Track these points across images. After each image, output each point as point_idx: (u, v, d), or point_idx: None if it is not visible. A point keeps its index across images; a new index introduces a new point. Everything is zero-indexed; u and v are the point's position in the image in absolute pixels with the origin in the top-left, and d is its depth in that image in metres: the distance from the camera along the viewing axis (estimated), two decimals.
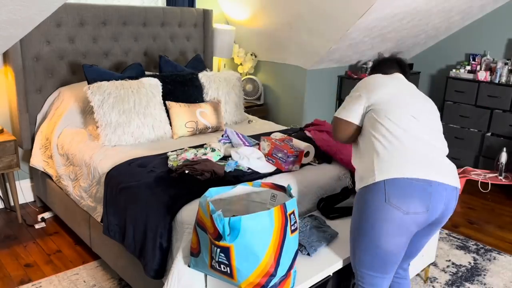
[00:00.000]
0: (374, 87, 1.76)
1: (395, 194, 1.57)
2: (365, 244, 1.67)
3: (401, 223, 1.59)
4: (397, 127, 1.66)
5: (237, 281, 1.54)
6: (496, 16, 4.43)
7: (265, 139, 2.52)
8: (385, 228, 1.60)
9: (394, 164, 1.61)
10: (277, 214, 1.52)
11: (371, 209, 1.62)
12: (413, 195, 1.57)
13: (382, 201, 1.59)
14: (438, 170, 1.63)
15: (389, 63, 1.97)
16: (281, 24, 4.06)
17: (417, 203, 1.58)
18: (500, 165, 3.87)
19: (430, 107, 1.80)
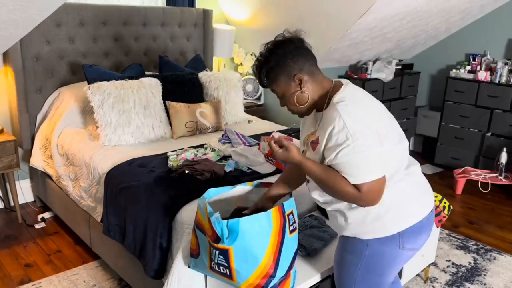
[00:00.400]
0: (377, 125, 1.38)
1: (410, 239, 1.48)
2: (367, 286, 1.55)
3: (408, 258, 1.54)
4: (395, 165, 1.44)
5: (237, 282, 1.54)
6: (496, 16, 4.43)
7: (265, 139, 2.52)
8: (394, 270, 1.54)
9: (405, 210, 1.45)
10: (275, 215, 1.52)
11: (382, 262, 1.49)
12: (424, 232, 1.51)
13: (396, 249, 1.48)
14: (429, 192, 1.55)
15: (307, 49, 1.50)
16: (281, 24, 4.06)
17: (425, 237, 1.54)
18: (500, 165, 3.87)
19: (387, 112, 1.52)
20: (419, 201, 1.51)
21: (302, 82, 1.45)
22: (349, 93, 1.44)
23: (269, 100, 4.68)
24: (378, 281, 1.56)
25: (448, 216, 3.37)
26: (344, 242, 1.59)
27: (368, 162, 1.35)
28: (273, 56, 1.47)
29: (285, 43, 1.48)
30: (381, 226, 1.46)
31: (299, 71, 1.45)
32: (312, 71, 1.48)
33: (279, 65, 1.46)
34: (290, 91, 1.48)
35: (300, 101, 1.48)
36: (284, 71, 1.46)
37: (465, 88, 4.35)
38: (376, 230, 1.47)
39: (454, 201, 3.88)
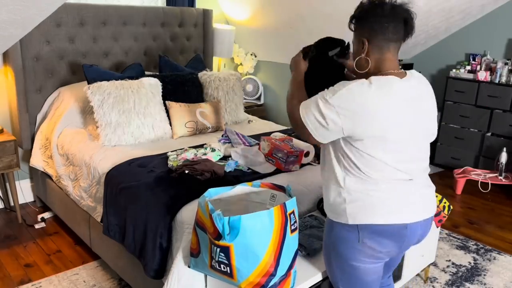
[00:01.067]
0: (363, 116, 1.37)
1: (370, 237, 1.47)
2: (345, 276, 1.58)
3: (375, 257, 1.53)
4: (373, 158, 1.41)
5: (237, 281, 1.54)
6: (496, 16, 4.43)
7: (265, 139, 2.52)
8: (367, 267, 1.54)
9: (367, 208, 1.45)
10: (277, 213, 1.52)
11: (347, 247, 1.51)
12: (389, 238, 1.48)
13: (356, 241, 1.49)
14: (414, 209, 1.49)
15: (395, 24, 1.42)
16: (281, 24, 4.06)
17: (391, 246, 1.50)
18: (500, 165, 3.87)
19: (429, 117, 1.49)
20: (393, 208, 1.46)
21: (364, 48, 1.47)
22: (386, 83, 1.40)
23: (269, 100, 4.68)
24: (355, 275, 1.56)
25: (448, 216, 3.37)
26: (325, 229, 1.64)
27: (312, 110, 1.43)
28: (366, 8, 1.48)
29: (378, 6, 1.45)
30: (343, 211, 1.49)
31: (367, 37, 1.46)
32: (382, 46, 1.45)
33: (359, 19, 1.50)
34: (356, 51, 1.53)
35: (358, 65, 1.51)
36: (359, 29, 1.50)
37: (465, 88, 4.35)
38: (339, 214, 1.51)
39: (454, 201, 3.88)
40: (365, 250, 1.50)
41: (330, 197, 1.54)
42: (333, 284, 1.67)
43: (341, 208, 1.50)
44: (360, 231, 1.47)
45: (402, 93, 1.41)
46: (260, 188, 1.83)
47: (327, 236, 1.60)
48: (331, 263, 1.61)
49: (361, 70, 1.49)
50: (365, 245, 1.49)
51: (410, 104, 1.42)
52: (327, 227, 1.61)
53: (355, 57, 1.53)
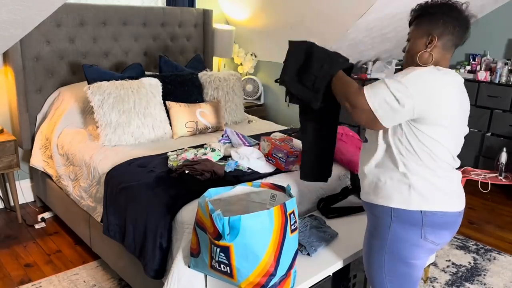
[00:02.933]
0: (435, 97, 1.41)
1: (432, 230, 1.49)
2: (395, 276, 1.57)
3: (431, 250, 1.56)
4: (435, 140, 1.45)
5: (237, 280, 1.54)
6: (496, 16, 4.43)
7: (265, 139, 2.52)
8: (420, 261, 1.56)
9: (430, 195, 1.47)
10: (277, 213, 1.52)
11: (405, 247, 1.51)
12: (446, 228, 1.52)
13: (419, 237, 1.49)
14: (462, 196, 1.56)
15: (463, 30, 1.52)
16: (281, 24, 4.06)
17: (447, 235, 1.54)
18: (500, 165, 3.87)
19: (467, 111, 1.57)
20: (451, 196, 1.51)
21: (432, 43, 1.49)
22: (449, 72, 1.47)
23: (269, 100, 4.68)
24: (407, 273, 1.56)
25: None
26: (370, 231, 1.61)
27: (383, 94, 1.41)
28: (439, 7, 1.51)
29: (455, 9, 1.52)
30: (407, 195, 1.48)
31: (439, 34, 1.49)
32: (447, 47, 1.51)
33: (433, 15, 1.50)
34: (417, 45, 1.53)
35: (421, 59, 1.52)
36: (429, 23, 1.51)
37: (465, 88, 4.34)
38: (401, 199, 1.48)
39: None
40: (426, 245, 1.52)
41: (386, 185, 1.51)
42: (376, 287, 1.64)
43: (403, 194, 1.48)
44: (424, 224, 1.48)
45: (460, 85, 1.50)
46: (260, 188, 1.83)
47: (379, 238, 1.55)
48: (382, 267, 1.57)
49: (423, 64, 1.51)
50: (427, 240, 1.50)
51: (463, 96, 1.52)
52: (377, 228, 1.55)
53: (413, 50, 1.54)
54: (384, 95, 1.41)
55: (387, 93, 1.41)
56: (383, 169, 1.52)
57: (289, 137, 2.63)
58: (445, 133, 1.45)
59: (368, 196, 1.58)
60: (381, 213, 1.53)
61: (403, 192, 1.48)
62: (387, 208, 1.51)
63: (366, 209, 1.63)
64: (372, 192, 1.56)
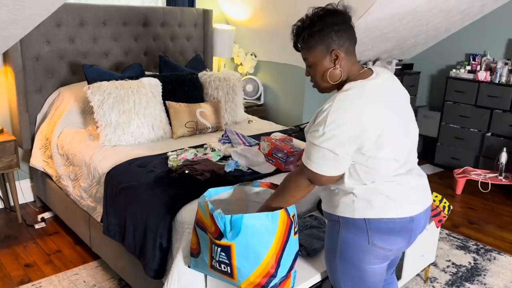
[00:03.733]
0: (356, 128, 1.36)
1: (379, 236, 1.47)
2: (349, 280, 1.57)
3: (384, 256, 1.53)
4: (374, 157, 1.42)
5: (237, 281, 1.54)
6: (496, 16, 4.43)
7: (265, 139, 2.52)
8: (374, 267, 1.53)
9: (374, 203, 1.45)
10: (282, 217, 1.52)
11: (354, 251, 1.50)
12: (395, 234, 1.48)
13: (366, 243, 1.48)
14: (416, 200, 1.51)
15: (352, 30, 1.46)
16: (281, 24, 4.06)
17: (400, 241, 1.50)
18: (500, 165, 3.87)
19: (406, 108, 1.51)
20: (398, 202, 1.47)
21: (338, 59, 1.43)
22: (361, 87, 1.40)
23: (269, 100, 4.68)
24: (359, 276, 1.55)
25: (448, 216, 3.37)
26: (326, 235, 1.62)
27: (321, 155, 1.39)
28: (320, 22, 1.41)
29: (336, 14, 1.43)
30: (351, 204, 1.47)
31: (338, 47, 1.42)
32: (350, 51, 1.45)
33: (322, 34, 1.41)
34: (323, 65, 1.45)
35: (332, 78, 1.46)
36: (324, 42, 1.42)
37: (465, 88, 4.35)
38: (346, 207, 1.48)
39: (454, 201, 3.88)
40: (375, 251, 1.49)
41: (335, 197, 1.52)
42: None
43: (347, 204, 1.48)
44: (369, 231, 1.46)
45: (375, 91, 1.41)
46: (260, 188, 1.83)
47: (331, 242, 1.57)
48: (335, 268, 1.59)
49: (336, 81, 1.47)
50: (375, 246, 1.48)
51: (389, 100, 1.43)
52: (330, 232, 1.58)
53: (320, 74, 1.48)
54: (323, 157, 1.39)
55: (324, 154, 1.38)
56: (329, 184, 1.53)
57: (289, 137, 2.63)
58: (380, 144, 1.40)
59: (323, 204, 1.62)
60: (332, 220, 1.56)
61: (348, 201, 1.48)
62: (335, 215, 1.53)
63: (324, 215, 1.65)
64: (324, 200, 1.59)
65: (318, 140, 1.38)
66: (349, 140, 1.37)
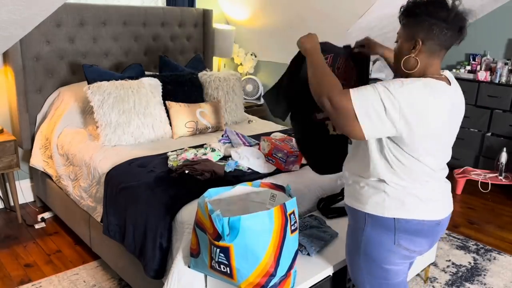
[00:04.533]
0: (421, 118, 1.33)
1: (406, 237, 1.48)
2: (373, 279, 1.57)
3: (407, 257, 1.55)
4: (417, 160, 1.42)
5: (237, 281, 1.54)
6: (496, 16, 4.43)
7: (265, 139, 2.52)
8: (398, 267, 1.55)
9: (406, 204, 1.45)
10: (277, 214, 1.52)
11: (379, 251, 1.51)
12: (422, 236, 1.50)
13: (392, 243, 1.49)
14: (443, 205, 1.53)
15: (453, 32, 1.38)
16: (281, 24, 4.06)
17: (424, 244, 1.53)
18: (500, 165, 3.87)
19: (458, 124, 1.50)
20: (428, 205, 1.48)
21: (416, 48, 1.41)
22: (443, 87, 1.38)
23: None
24: (384, 276, 1.56)
25: None
26: (348, 233, 1.62)
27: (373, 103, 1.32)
28: (424, 7, 1.39)
29: (443, 8, 1.38)
30: (382, 202, 1.46)
31: (423, 38, 1.39)
32: (434, 51, 1.40)
33: (417, 18, 1.40)
34: (403, 46, 1.45)
35: (406, 65, 1.44)
36: (414, 26, 1.41)
37: (465, 88, 4.33)
38: (376, 205, 1.47)
39: (454, 201, 3.88)
40: (400, 252, 1.50)
41: (365, 194, 1.50)
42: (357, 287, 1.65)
43: (378, 202, 1.47)
44: (397, 230, 1.47)
45: (450, 101, 1.40)
46: (260, 188, 1.83)
47: (354, 240, 1.57)
48: (358, 268, 1.58)
49: (408, 70, 1.44)
50: (400, 246, 1.49)
51: (453, 111, 1.43)
52: (353, 229, 1.57)
53: (400, 53, 1.46)
54: (372, 100, 1.32)
55: (376, 98, 1.32)
56: (363, 175, 1.51)
57: (289, 137, 2.63)
58: (430, 151, 1.40)
59: (347, 199, 1.60)
60: (357, 217, 1.54)
61: (378, 199, 1.47)
62: (362, 212, 1.52)
63: (347, 212, 1.64)
64: (351, 195, 1.57)
65: (383, 92, 1.32)
66: (405, 118, 1.31)
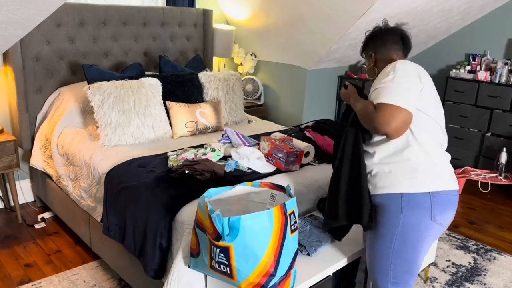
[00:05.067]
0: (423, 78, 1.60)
1: (440, 210, 1.57)
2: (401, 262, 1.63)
3: (437, 235, 1.62)
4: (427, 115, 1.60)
5: (237, 281, 1.54)
6: (496, 16, 4.43)
7: (265, 139, 2.52)
8: (426, 245, 1.62)
9: (435, 175, 1.58)
10: (277, 214, 1.52)
11: (417, 232, 1.57)
12: (451, 207, 1.60)
13: (429, 220, 1.56)
14: (455, 176, 1.66)
15: (393, 37, 1.77)
16: (281, 24, 4.06)
17: (450, 216, 1.62)
18: (500, 165, 3.87)
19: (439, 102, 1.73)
20: (448, 176, 1.61)
21: (371, 59, 1.80)
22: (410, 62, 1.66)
23: (269, 100, 4.69)
24: (413, 259, 1.61)
25: None
26: (378, 221, 1.64)
27: (394, 90, 1.54)
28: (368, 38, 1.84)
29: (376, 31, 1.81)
30: (414, 179, 1.56)
31: (374, 51, 1.79)
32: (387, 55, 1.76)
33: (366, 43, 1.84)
34: (367, 62, 1.85)
35: (369, 74, 1.84)
36: (369, 46, 1.83)
37: (465, 88, 4.35)
38: (409, 183, 1.56)
39: None
40: (434, 228, 1.58)
41: (395, 175, 1.57)
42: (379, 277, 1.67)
43: (410, 179, 1.55)
44: (433, 205, 1.55)
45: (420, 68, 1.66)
46: (260, 188, 1.83)
47: (389, 227, 1.60)
48: (388, 253, 1.62)
49: (371, 77, 1.81)
50: (435, 222, 1.57)
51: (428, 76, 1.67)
52: (388, 217, 1.60)
53: (367, 70, 1.86)
54: (394, 90, 1.53)
55: (394, 87, 1.53)
56: (387, 159, 1.60)
57: (289, 137, 2.63)
58: (432, 106, 1.60)
59: (376, 189, 1.63)
60: (391, 201, 1.58)
61: (409, 177, 1.56)
62: (396, 194, 1.57)
63: (375, 202, 1.65)
64: (379, 184, 1.62)
65: (389, 81, 1.56)
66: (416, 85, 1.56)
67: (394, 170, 1.58)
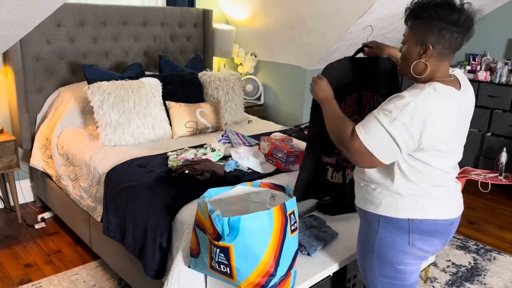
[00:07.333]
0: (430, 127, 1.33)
1: (420, 238, 1.48)
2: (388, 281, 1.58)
3: (421, 257, 1.55)
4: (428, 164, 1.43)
5: (237, 281, 1.54)
6: (496, 16, 4.43)
7: (265, 139, 2.52)
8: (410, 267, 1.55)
9: (420, 204, 1.45)
10: (277, 214, 1.52)
11: (392, 252, 1.51)
12: (437, 236, 1.50)
13: (406, 244, 1.49)
14: (455, 204, 1.53)
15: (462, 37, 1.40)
16: (281, 24, 4.06)
17: (437, 243, 1.53)
18: (500, 165, 3.87)
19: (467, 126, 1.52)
20: (442, 205, 1.49)
21: (426, 53, 1.38)
22: (451, 94, 1.37)
23: (269, 100, 4.68)
24: (397, 277, 1.56)
25: None
26: (361, 234, 1.62)
27: (384, 137, 1.34)
28: (432, 11, 1.35)
29: (453, 11, 1.34)
30: (395, 204, 1.47)
31: (433, 43, 1.37)
32: (444, 55, 1.39)
33: (428, 20, 1.36)
34: (412, 52, 1.42)
35: (416, 69, 1.43)
36: (423, 30, 1.38)
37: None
38: (390, 207, 1.47)
39: None
40: (414, 252, 1.51)
41: (377, 195, 1.50)
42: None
43: (391, 203, 1.47)
44: (411, 231, 1.47)
45: (458, 105, 1.40)
46: (260, 188, 1.83)
47: (367, 242, 1.57)
48: (371, 268, 1.58)
49: (418, 75, 1.42)
50: (414, 247, 1.49)
51: (462, 115, 1.44)
52: (366, 231, 1.57)
53: (408, 58, 1.44)
54: (380, 136, 1.35)
55: (382, 134, 1.34)
56: (375, 178, 1.51)
57: (289, 137, 2.63)
58: (440, 155, 1.41)
59: (359, 202, 1.60)
60: (370, 218, 1.55)
61: (392, 200, 1.48)
62: (375, 214, 1.52)
63: (358, 213, 1.64)
64: (362, 198, 1.58)
65: (386, 122, 1.33)
66: (418, 136, 1.33)
67: (379, 190, 1.50)
